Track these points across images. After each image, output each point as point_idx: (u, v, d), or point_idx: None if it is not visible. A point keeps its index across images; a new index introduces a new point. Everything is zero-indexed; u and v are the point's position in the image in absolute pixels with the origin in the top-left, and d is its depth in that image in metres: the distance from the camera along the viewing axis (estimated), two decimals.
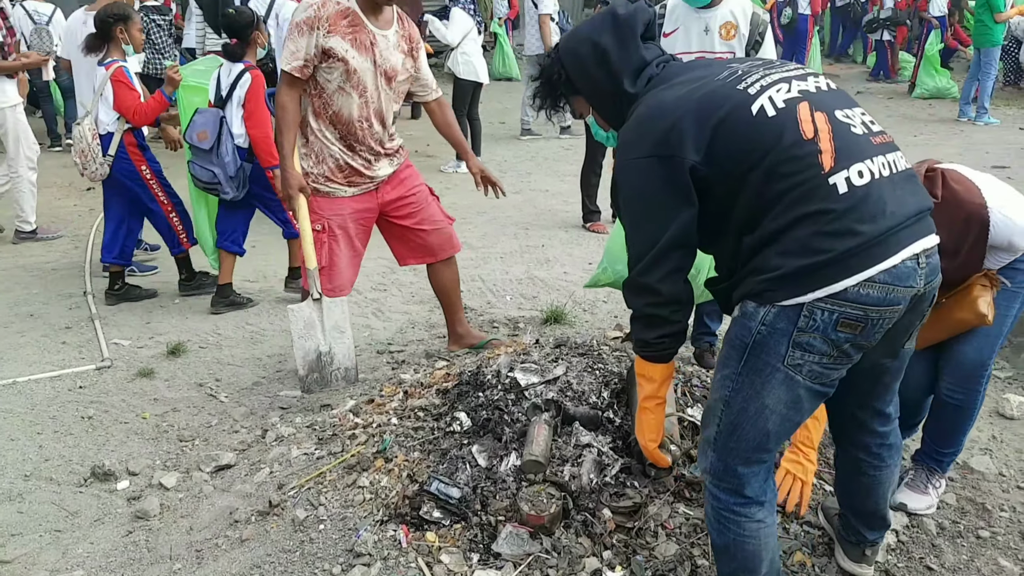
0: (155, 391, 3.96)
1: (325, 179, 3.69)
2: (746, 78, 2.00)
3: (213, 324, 4.73)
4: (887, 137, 1.97)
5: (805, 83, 1.99)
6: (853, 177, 1.85)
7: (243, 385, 4.01)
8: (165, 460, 3.39)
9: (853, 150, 1.89)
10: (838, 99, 2.00)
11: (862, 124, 1.95)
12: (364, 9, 3.51)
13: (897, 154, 1.95)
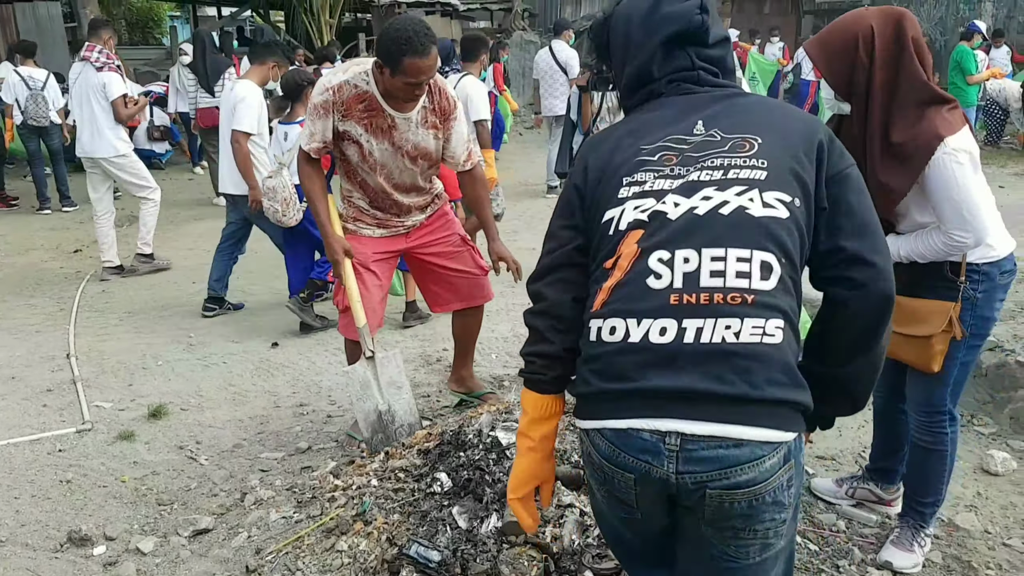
0: (135, 454, 3.92)
1: (353, 219, 3.75)
2: (647, 171, 1.75)
3: (195, 386, 4.70)
4: (736, 299, 1.57)
5: (695, 200, 1.66)
6: (605, 330, 1.65)
7: (224, 447, 3.97)
8: (143, 524, 3.34)
9: (629, 303, 1.63)
10: (713, 233, 1.62)
11: (707, 274, 1.59)
12: (384, 93, 3.40)
13: (732, 321, 1.56)
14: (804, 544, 2.92)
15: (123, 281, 6.90)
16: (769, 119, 1.78)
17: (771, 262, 1.60)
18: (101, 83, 6.71)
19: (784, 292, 1.61)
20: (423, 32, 3.20)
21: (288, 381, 4.76)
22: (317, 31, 15.75)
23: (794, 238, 1.65)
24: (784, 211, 1.64)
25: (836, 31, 2.62)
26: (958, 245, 2.56)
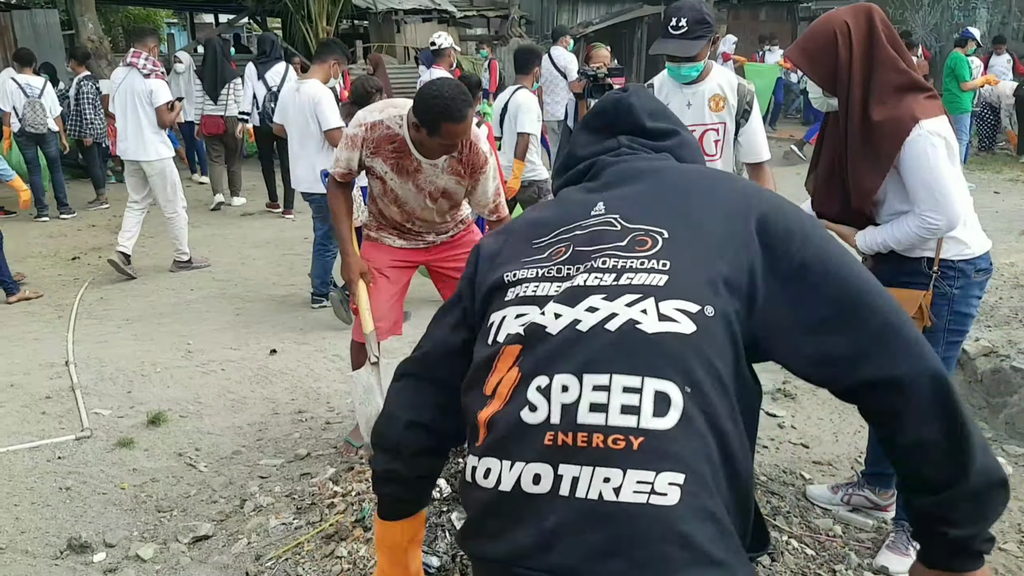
0: (134, 461, 3.93)
1: (377, 228, 3.82)
2: (533, 268, 1.51)
3: (194, 393, 4.71)
4: (619, 441, 1.26)
5: (578, 311, 1.38)
6: (480, 472, 1.39)
7: (223, 454, 3.98)
8: (143, 531, 3.35)
9: (505, 441, 1.37)
10: (595, 355, 1.33)
11: (586, 407, 1.30)
12: (415, 141, 3.44)
13: (612, 472, 1.26)
14: (801, 549, 2.94)
15: (122, 288, 6.91)
16: (686, 205, 1.49)
17: (669, 393, 1.28)
18: (148, 90, 6.98)
19: (692, 435, 1.27)
20: (460, 98, 3.24)
21: (287, 388, 4.77)
22: (314, 38, 15.76)
23: (709, 358, 1.31)
24: (688, 324, 1.32)
25: (814, 33, 2.76)
26: (931, 228, 2.64)
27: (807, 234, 1.43)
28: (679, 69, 3.56)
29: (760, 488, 3.27)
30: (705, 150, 3.64)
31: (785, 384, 4.68)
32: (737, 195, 1.50)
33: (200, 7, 23.86)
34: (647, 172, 1.59)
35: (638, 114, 1.69)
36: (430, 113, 3.24)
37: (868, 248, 2.80)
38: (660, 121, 1.71)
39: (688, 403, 1.27)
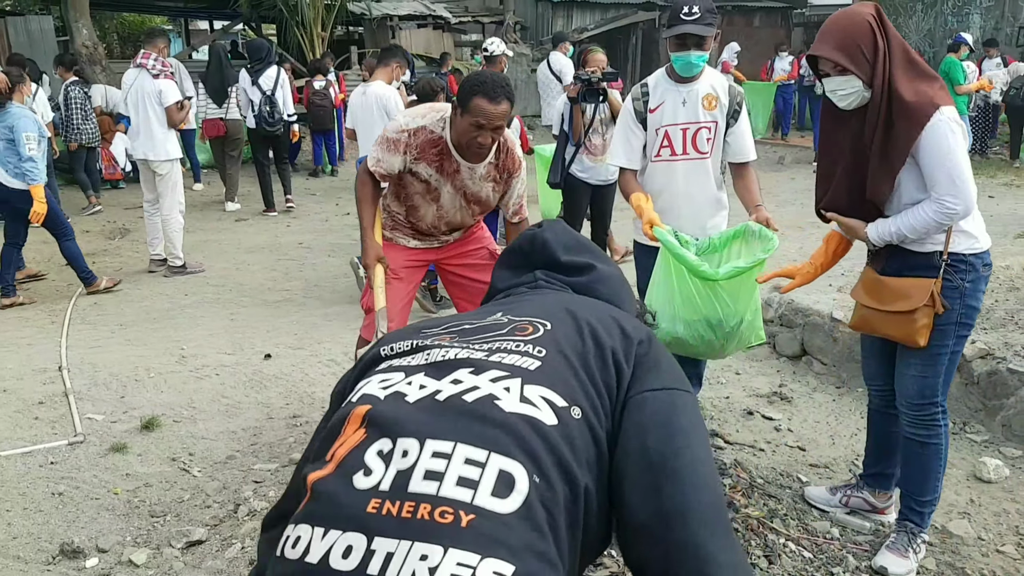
0: (127, 466, 3.91)
1: (391, 228, 3.84)
2: (413, 352, 1.44)
3: (188, 398, 4.68)
4: (447, 515, 1.13)
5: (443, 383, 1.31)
6: (290, 542, 1.20)
7: (217, 459, 3.96)
8: (136, 536, 3.33)
9: (325, 506, 1.20)
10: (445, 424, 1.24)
11: (421, 474, 1.17)
12: (455, 143, 3.49)
13: (432, 549, 1.10)
14: (798, 551, 2.93)
15: (115, 294, 6.88)
16: (579, 307, 1.47)
17: (515, 476, 1.17)
18: (157, 90, 7.16)
19: (531, 528, 1.14)
20: (501, 83, 3.30)
21: (281, 393, 4.75)
22: (309, 44, 15.77)
23: (564, 458, 1.21)
24: (550, 415, 1.24)
25: (847, 29, 2.73)
26: (949, 212, 2.66)
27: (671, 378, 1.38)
28: (688, 56, 3.58)
29: (757, 491, 3.26)
30: (698, 147, 3.72)
31: (781, 387, 4.68)
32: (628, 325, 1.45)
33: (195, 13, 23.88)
34: (552, 294, 1.61)
35: (552, 249, 1.69)
36: (466, 86, 3.32)
37: (880, 239, 2.81)
38: (576, 255, 1.69)
39: (533, 493, 1.16)
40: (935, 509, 3.05)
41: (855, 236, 2.93)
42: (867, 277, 2.99)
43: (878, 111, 2.71)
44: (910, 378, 2.91)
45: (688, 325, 3.36)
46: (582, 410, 1.27)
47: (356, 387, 1.39)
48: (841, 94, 2.78)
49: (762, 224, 3.44)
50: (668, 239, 3.35)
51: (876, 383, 3.19)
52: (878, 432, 3.26)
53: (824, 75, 2.81)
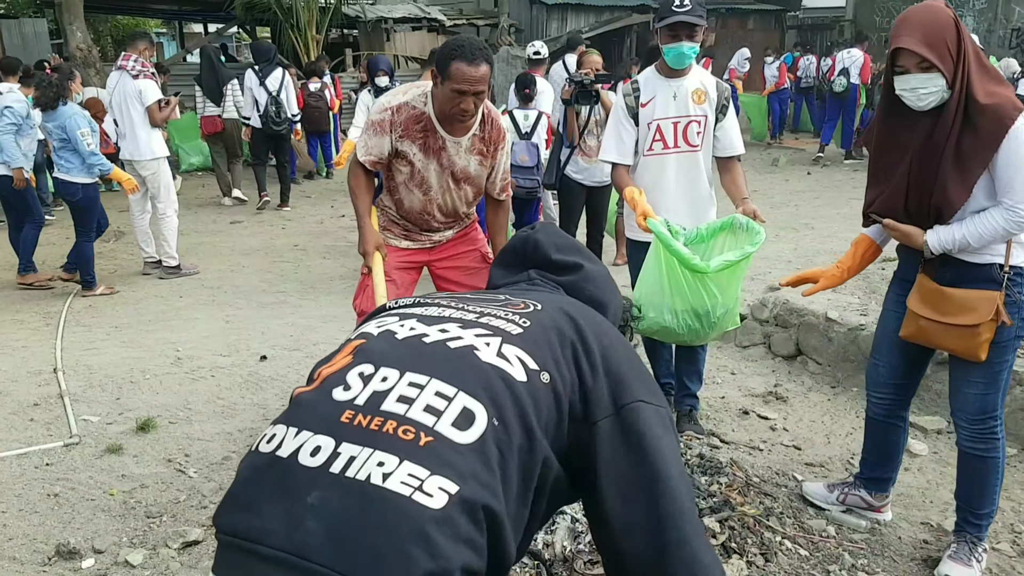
0: (123, 467, 3.90)
1: (383, 228, 3.83)
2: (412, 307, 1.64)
3: (184, 399, 4.68)
4: (408, 433, 1.29)
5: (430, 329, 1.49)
6: (264, 439, 1.37)
7: (213, 460, 3.95)
8: (132, 537, 3.32)
9: (302, 411, 1.38)
10: (426, 361, 1.41)
11: (394, 398, 1.34)
12: (439, 115, 3.47)
13: (388, 458, 1.26)
14: (794, 549, 2.93)
15: (110, 296, 6.87)
16: (572, 307, 1.62)
17: (475, 415, 1.32)
18: (137, 90, 7.16)
19: (480, 463, 1.28)
20: (479, 46, 3.29)
21: (277, 394, 4.74)
22: (304, 47, 15.78)
23: (525, 411, 1.36)
24: (521, 372, 1.39)
25: (935, 22, 2.59)
26: (1021, 221, 2.58)
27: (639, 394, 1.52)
28: (681, 47, 3.66)
29: (754, 489, 3.26)
30: (688, 140, 3.81)
31: (776, 387, 4.69)
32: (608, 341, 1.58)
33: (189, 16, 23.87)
34: (548, 292, 1.75)
35: (545, 249, 1.83)
36: (446, 51, 3.29)
37: (941, 247, 2.70)
38: (567, 254, 1.84)
39: (490, 432, 1.31)
40: (992, 520, 3.01)
41: (911, 243, 2.78)
42: (925, 287, 2.83)
43: (954, 113, 2.60)
44: (972, 395, 2.83)
45: (676, 315, 3.47)
46: (551, 376, 1.42)
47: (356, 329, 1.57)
48: (923, 92, 2.61)
49: (749, 217, 3.53)
50: (661, 230, 3.43)
51: (883, 391, 3.11)
52: (878, 440, 3.21)
53: (902, 71, 2.64)
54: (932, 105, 2.63)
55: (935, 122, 2.64)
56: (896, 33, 2.63)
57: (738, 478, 3.29)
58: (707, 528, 2.84)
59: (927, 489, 3.59)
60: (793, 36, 21.63)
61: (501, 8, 20.29)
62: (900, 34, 2.61)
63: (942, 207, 2.67)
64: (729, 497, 3.06)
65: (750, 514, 3.01)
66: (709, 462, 3.35)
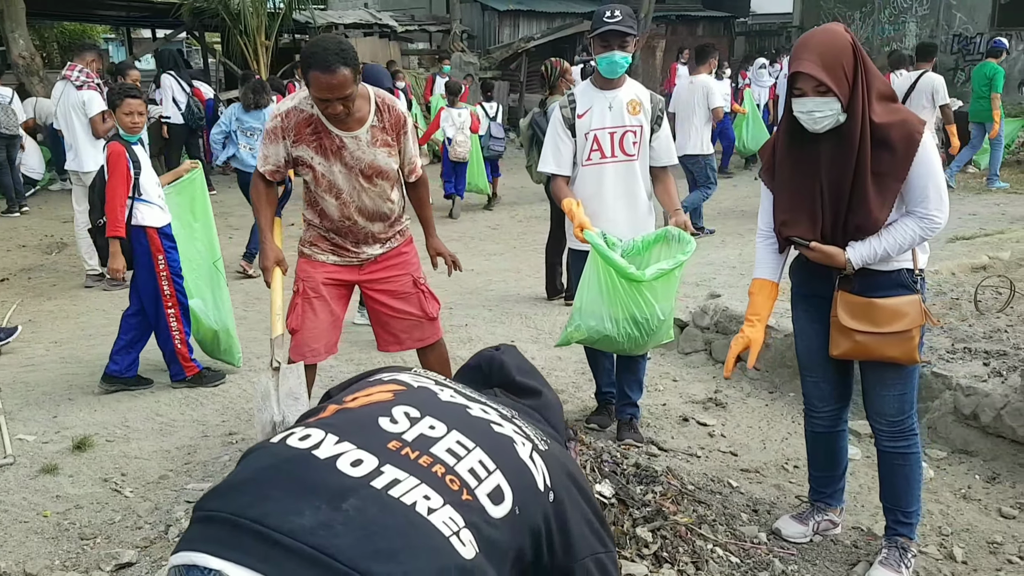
0: (58, 488, 3.84)
1: (310, 244, 3.76)
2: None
3: (122, 416, 4.62)
4: (455, 483, 1.38)
5: (477, 408, 1.59)
6: (296, 436, 1.43)
7: (149, 479, 3.91)
8: (64, 560, 3.27)
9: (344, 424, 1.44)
10: (472, 429, 1.50)
11: (444, 448, 1.42)
12: (324, 115, 3.43)
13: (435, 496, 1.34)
14: (725, 557, 2.97)
15: (51, 310, 6.76)
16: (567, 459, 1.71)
17: (506, 496, 1.40)
18: (81, 101, 7.12)
19: (504, 541, 1.38)
20: (334, 50, 3.20)
21: (218, 410, 4.70)
22: (253, 53, 15.64)
23: (536, 519, 1.47)
24: (541, 483, 1.51)
25: (832, 46, 2.66)
26: (935, 227, 2.71)
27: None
28: (613, 56, 3.78)
29: (688, 497, 3.30)
30: (624, 150, 3.91)
31: (716, 393, 4.75)
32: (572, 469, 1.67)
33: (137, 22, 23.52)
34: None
35: (509, 371, 1.90)
36: (302, 58, 3.31)
37: (863, 261, 2.76)
38: (528, 378, 1.92)
39: (509, 519, 1.40)
40: (919, 518, 3.07)
41: (833, 263, 2.82)
42: (851, 302, 2.85)
43: (858, 136, 2.66)
44: (892, 397, 2.91)
45: (616, 323, 3.57)
46: (556, 499, 1.51)
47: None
48: (818, 116, 2.67)
49: (680, 228, 3.69)
50: (597, 241, 3.54)
51: (826, 406, 3.14)
52: (827, 452, 3.23)
53: (799, 94, 2.70)
54: (827, 128, 2.70)
55: (837, 145, 2.71)
56: (795, 56, 2.70)
57: (673, 486, 3.33)
58: (639, 538, 2.87)
59: (859, 493, 3.67)
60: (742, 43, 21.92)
61: (453, 14, 20.30)
62: (799, 57, 2.68)
63: (864, 225, 2.73)
64: (662, 506, 3.09)
65: (683, 523, 3.05)
66: (645, 471, 3.38)
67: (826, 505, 3.30)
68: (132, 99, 4.76)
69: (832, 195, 2.76)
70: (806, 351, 3.13)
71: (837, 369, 3.08)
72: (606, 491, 3.05)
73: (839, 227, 2.79)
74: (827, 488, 3.29)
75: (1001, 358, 4.21)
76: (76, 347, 5.87)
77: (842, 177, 2.72)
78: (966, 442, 3.99)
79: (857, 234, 2.76)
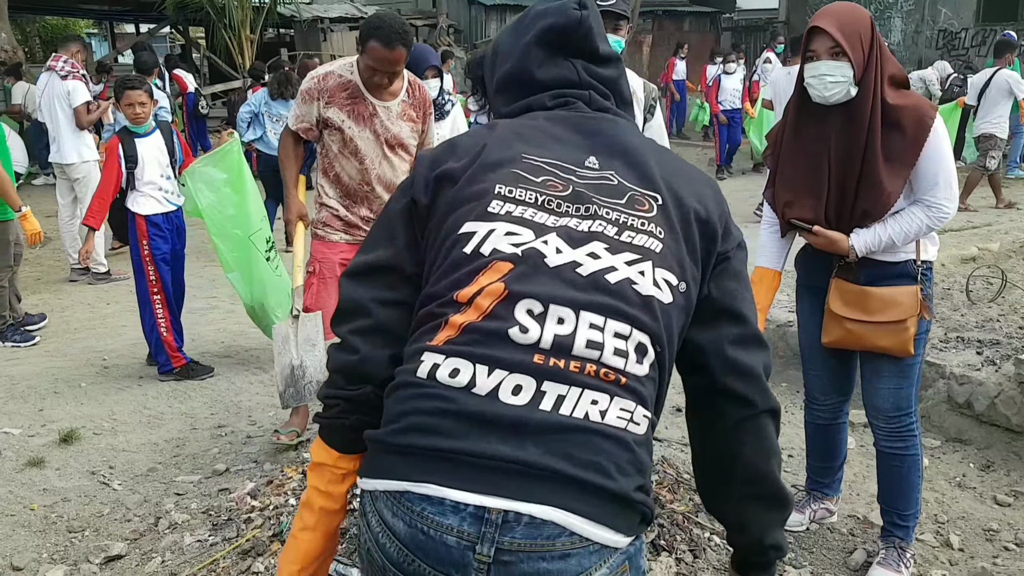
0: (45, 481, 3.78)
1: (323, 224, 3.84)
2: (527, 190, 1.46)
3: (109, 409, 4.56)
4: (610, 376, 1.33)
5: (580, 254, 1.40)
6: (443, 370, 1.33)
7: (138, 472, 3.85)
8: (52, 553, 3.22)
9: (483, 348, 1.34)
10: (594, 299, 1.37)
11: (583, 342, 1.33)
12: (366, 84, 3.60)
13: (601, 397, 1.32)
14: (723, 545, 2.94)
15: (35, 304, 6.66)
16: (670, 173, 1.53)
17: (647, 345, 1.38)
18: (65, 91, 7.02)
19: (652, 383, 1.39)
20: (398, 30, 3.43)
21: (206, 403, 4.65)
22: (237, 47, 15.54)
23: (671, 328, 1.42)
24: (668, 295, 1.41)
25: (852, 15, 2.61)
26: (943, 217, 2.63)
27: (740, 237, 1.57)
28: None
29: (684, 486, 3.29)
30: None
31: None
32: (707, 179, 1.61)
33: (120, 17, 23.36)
34: (626, 132, 1.59)
35: (594, 40, 1.61)
36: (367, 25, 3.49)
37: (867, 249, 2.69)
38: (606, 44, 1.65)
39: (656, 359, 1.39)
40: (917, 521, 3.01)
41: (835, 249, 2.75)
42: (845, 289, 2.80)
43: (869, 115, 2.58)
44: (886, 391, 2.83)
45: None
46: (687, 285, 1.44)
47: (462, 225, 1.43)
48: (829, 80, 2.58)
49: None
50: None
51: (827, 398, 3.10)
52: (826, 443, 3.19)
53: (811, 58, 2.62)
54: (837, 97, 2.60)
55: (847, 121, 2.62)
56: (813, 19, 2.64)
57: (669, 475, 3.31)
58: None
59: (854, 482, 3.66)
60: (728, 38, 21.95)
61: (439, 8, 20.26)
62: (817, 18, 2.62)
63: (873, 209, 2.65)
64: (659, 495, 3.07)
65: (679, 511, 3.03)
66: None
67: (823, 495, 3.28)
68: (132, 91, 4.84)
69: (840, 175, 2.67)
70: (808, 344, 3.07)
71: (838, 362, 3.03)
72: None
73: (845, 212, 2.71)
74: (825, 478, 3.27)
75: (994, 347, 4.21)
76: (61, 341, 5.81)
77: (851, 157, 2.63)
78: (960, 430, 3.99)
79: (863, 220, 2.69)
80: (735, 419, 1.49)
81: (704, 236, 1.49)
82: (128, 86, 4.88)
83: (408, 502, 1.28)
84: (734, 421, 1.49)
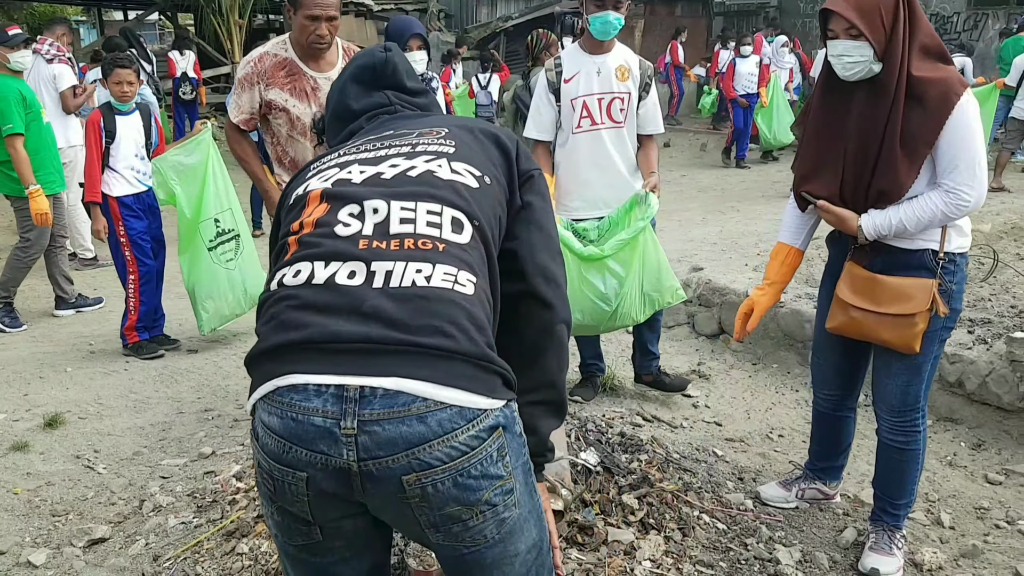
0: (29, 465, 3.74)
1: None
2: (332, 158, 1.74)
3: (95, 394, 4.51)
4: (427, 244, 1.50)
5: (382, 167, 1.62)
6: (288, 275, 1.51)
7: (123, 456, 3.81)
8: (35, 536, 3.18)
9: (316, 248, 1.51)
10: (401, 189, 1.57)
11: (396, 221, 1.52)
12: (302, 57, 3.53)
13: (423, 265, 1.48)
14: (712, 523, 2.93)
15: (21, 290, 6.60)
16: (460, 122, 1.82)
17: (462, 220, 1.56)
18: (51, 75, 6.97)
19: (478, 255, 1.55)
20: None
21: (193, 387, 4.61)
22: (226, 33, 15.41)
23: (484, 209, 1.60)
24: (473, 181, 1.62)
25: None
26: (962, 204, 2.46)
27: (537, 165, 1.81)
28: (607, 16, 3.66)
29: (673, 465, 3.26)
30: (612, 117, 3.81)
31: (700, 366, 4.72)
32: (499, 129, 1.82)
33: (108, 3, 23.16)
34: (428, 116, 1.89)
35: (401, 75, 1.93)
36: None
37: (876, 232, 2.57)
38: (414, 81, 1.97)
39: (475, 233, 1.56)
40: (910, 510, 2.96)
41: (844, 228, 2.66)
42: (856, 275, 2.68)
43: (893, 91, 2.45)
44: (894, 387, 2.73)
45: (584, 313, 3.65)
46: (491, 180, 1.65)
47: (290, 198, 1.68)
48: (847, 61, 2.49)
49: (649, 191, 3.68)
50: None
51: (830, 388, 3.02)
52: (829, 432, 3.13)
53: (832, 36, 2.52)
54: (858, 76, 2.51)
55: (870, 95, 2.51)
56: (828, 1, 2.52)
57: (658, 455, 3.29)
58: (625, 505, 2.82)
59: None
60: (720, 22, 21.84)
61: None
62: (830, 1, 2.51)
63: (888, 190, 2.53)
64: (648, 473, 3.05)
65: (668, 490, 3.00)
66: (630, 440, 3.33)
67: (817, 478, 3.23)
68: (122, 69, 4.96)
69: (857, 152, 2.56)
70: (820, 329, 2.97)
71: (844, 357, 2.93)
72: (591, 459, 2.99)
73: (861, 191, 2.60)
74: (822, 463, 3.21)
75: (986, 326, 4.19)
76: (47, 326, 5.76)
77: (871, 133, 2.52)
78: (951, 410, 3.97)
79: (879, 201, 2.57)
80: (541, 324, 1.68)
81: (499, 147, 1.73)
82: (118, 64, 4.98)
83: (279, 396, 1.40)
84: (540, 326, 1.68)
